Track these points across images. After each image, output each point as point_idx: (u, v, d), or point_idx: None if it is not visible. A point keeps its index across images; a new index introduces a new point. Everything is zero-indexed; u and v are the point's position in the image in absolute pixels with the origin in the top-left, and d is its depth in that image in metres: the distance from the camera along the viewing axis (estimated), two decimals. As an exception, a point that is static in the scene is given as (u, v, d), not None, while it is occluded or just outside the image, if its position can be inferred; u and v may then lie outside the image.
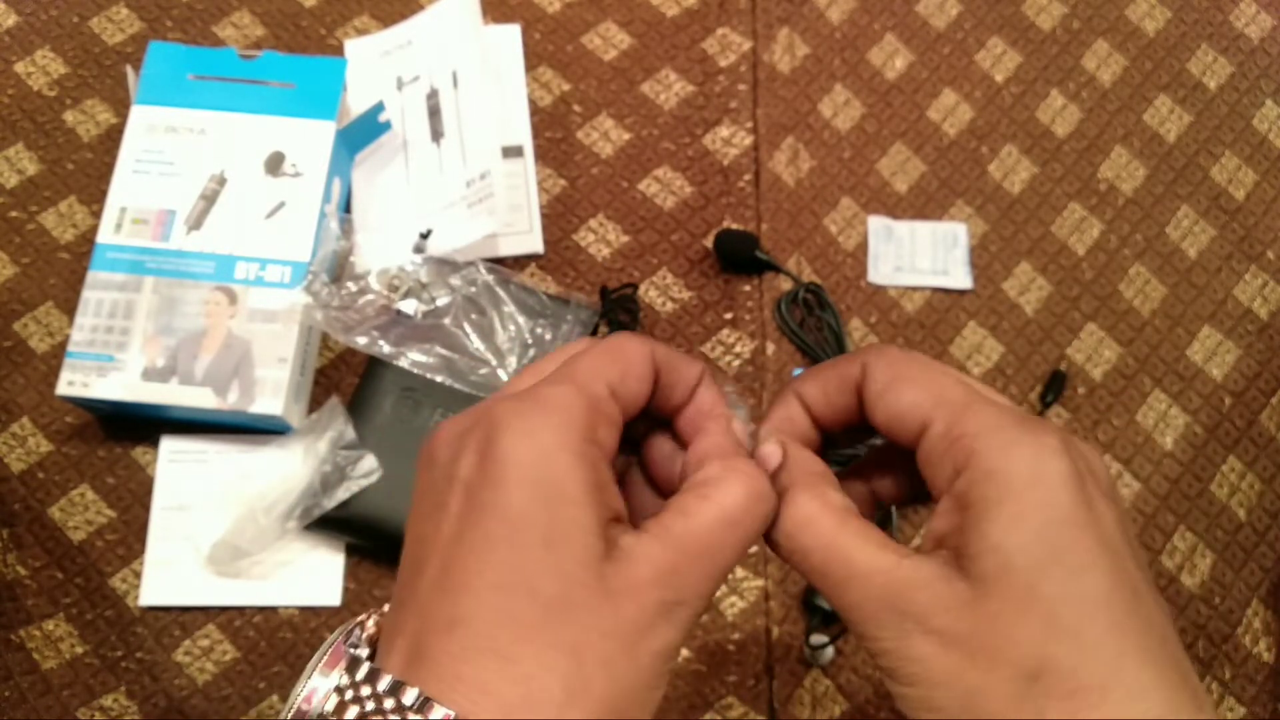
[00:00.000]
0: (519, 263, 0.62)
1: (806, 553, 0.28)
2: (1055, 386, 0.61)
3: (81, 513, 0.56)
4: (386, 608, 0.28)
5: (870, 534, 0.27)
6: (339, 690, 0.24)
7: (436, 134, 0.62)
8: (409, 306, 0.56)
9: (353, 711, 0.23)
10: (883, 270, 0.63)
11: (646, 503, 0.31)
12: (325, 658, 0.25)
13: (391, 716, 0.23)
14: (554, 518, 0.24)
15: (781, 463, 0.29)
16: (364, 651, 0.26)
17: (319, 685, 0.25)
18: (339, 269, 0.57)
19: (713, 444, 0.29)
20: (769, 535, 0.29)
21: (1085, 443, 0.28)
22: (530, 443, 0.25)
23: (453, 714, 0.22)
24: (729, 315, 0.62)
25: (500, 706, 0.23)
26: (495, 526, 0.24)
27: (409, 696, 0.23)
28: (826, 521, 0.28)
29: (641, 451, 0.31)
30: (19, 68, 0.65)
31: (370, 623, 0.27)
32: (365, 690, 0.24)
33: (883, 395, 0.29)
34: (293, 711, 0.25)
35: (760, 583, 0.56)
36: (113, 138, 0.63)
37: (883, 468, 0.32)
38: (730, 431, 0.29)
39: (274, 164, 0.58)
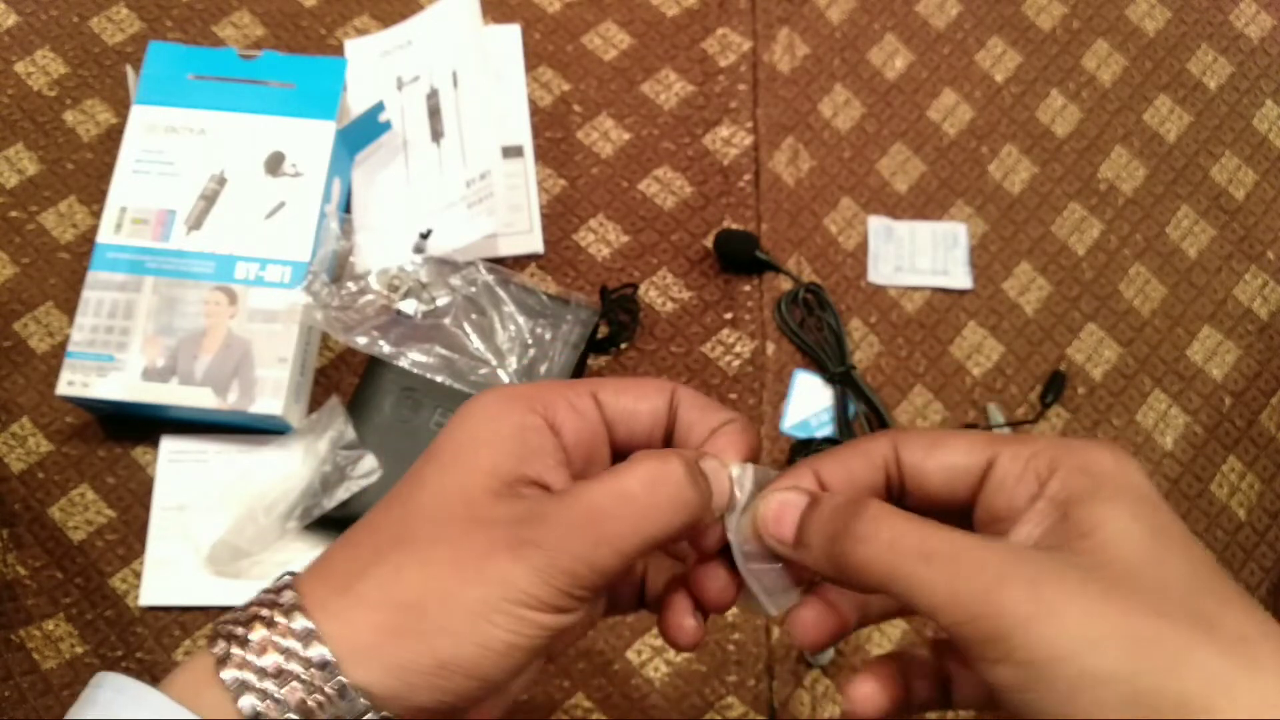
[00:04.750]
0: (519, 263, 0.62)
1: (896, 572, 0.25)
2: (1055, 386, 0.61)
3: (81, 513, 0.56)
4: None
5: (964, 536, 0.26)
6: (259, 603, 0.28)
7: (436, 134, 0.62)
8: (409, 306, 0.56)
9: (251, 609, 0.27)
10: (883, 270, 0.63)
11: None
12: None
13: (264, 611, 0.26)
14: (457, 451, 0.28)
15: (809, 503, 0.28)
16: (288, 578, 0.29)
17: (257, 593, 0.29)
18: (339, 269, 0.57)
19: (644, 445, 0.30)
20: (843, 563, 0.27)
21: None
22: (478, 408, 0.28)
23: (310, 626, 0.25)
24: (729, 315, 0.62)
25: (347, 632, 0.26)
26: (419, 467, 0.28)
27: (286, 597, 0.26)
28: (910, 536, 0.26)
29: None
30: (19, 68, 0.65)
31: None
32: (268, 595, 0.27)
33: (931, 454, 0.29)
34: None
35: (760, 583, 0.56)
36: (113, 138, 0.63)
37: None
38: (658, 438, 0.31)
39: (274, 164, 0.58)
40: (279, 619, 0.25)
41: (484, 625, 0.25)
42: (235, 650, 0.25)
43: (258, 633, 0.25)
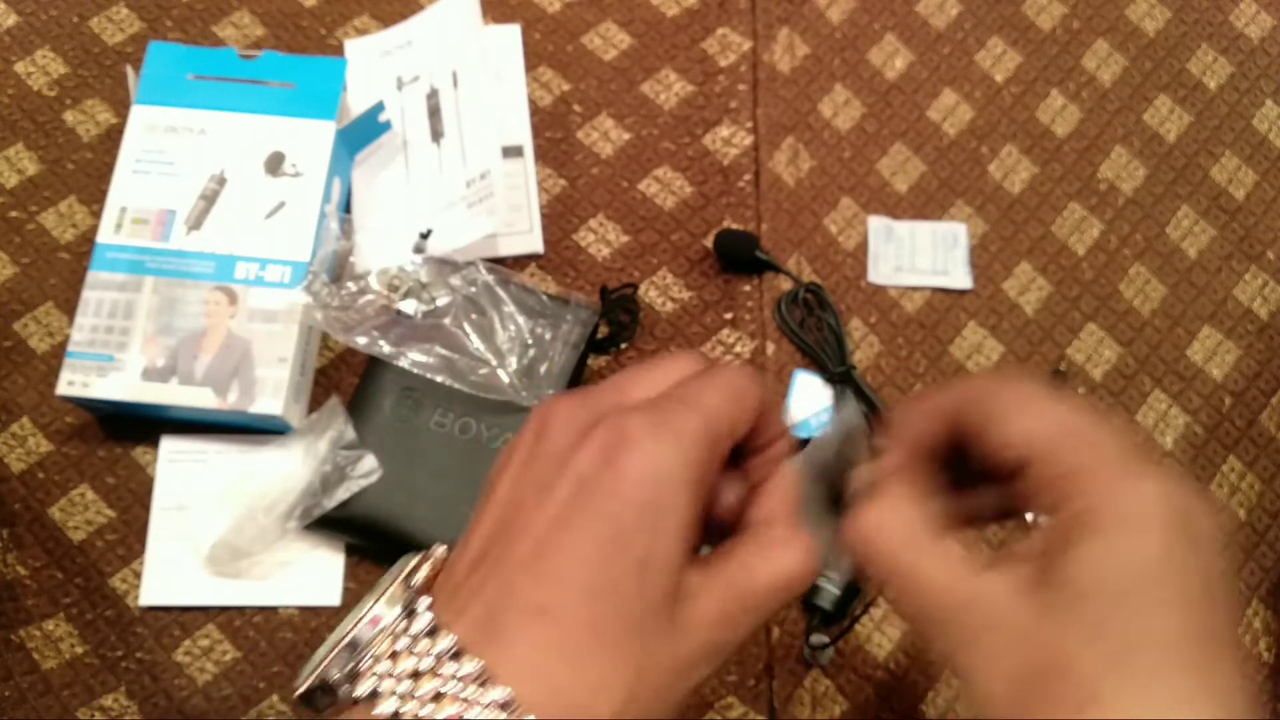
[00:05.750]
0: (519, 263, 0.62)
1: (876, 558, 0.29)
2: (1055, 386, 0.61)
3: (81, 513, 0.56)
4: (441, 550, 0.28)
5: (946, 548, 0.28)
6: (392, 634, 0.24)
7: (436, 134, 0.62)
8: (409, 306, 0.56)
9: (408, 662, 0.24)
10: (883, 270, 0.63)
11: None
12: (384, 593, 0.25)
13: (449, 684, 0.23)
14: (654, 543, 0.25)
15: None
16: (425, 601, 0.26)
17: (384, 613, 0.25)
18: (339, 269, 0.57)
19: (779, 504, 0.30)
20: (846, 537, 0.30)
21: (1193, 492, 0.28)
22: (655, 465, 0.26)
23: (511, 693, 0.23)
24: (729, 315, 0.62)
25: (559, 703, 0.23)
26: (602, 532, 0.25)
27: (470, 665, 0.23)
28: (899, 531, 0.29)
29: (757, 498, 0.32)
30: (19, 68, 0.65)
31: (426, 567, 0.27)
32: (423, 644, 0.24)
33: (995, 420, 0.29)
34: (352, 633, 0.25)
35: (760, 583, 0.56)
36: (113, 138, 0.63)
37: (962, 490, 0.32)
38: (791, 492, 0.30)
39: (274, 164, 0.58)
40: (470, 690, 0.23)
41: (674, 715, 0.26)
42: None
43: (448, 708, 0.23)
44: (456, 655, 0.24)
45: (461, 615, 0.25)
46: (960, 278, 0.64)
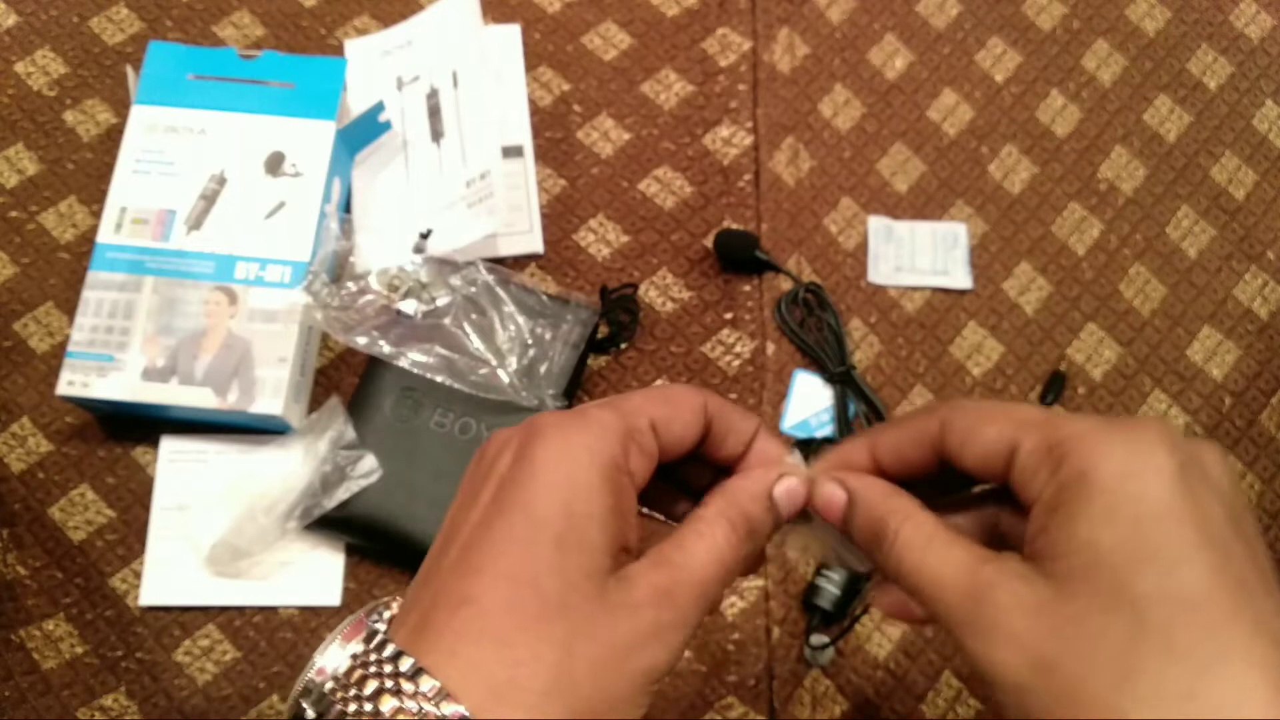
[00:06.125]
0: (519, 263, 0.62)
1: (904, 576, 0.28)
2: (1055, 387, 0.61)
3: (81, 513, 0.56)
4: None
5: (954, 543, 0.28)
6: (354, 656, 0.26)
7: (436, 134, 0.62)
8: (409, 306, 0.56)
9: (358, 674, 0.25)
10: (883, 270, 0.63)
11: None
12: (346, 629, 0.27)
13: (388, 681, 0.24)
14: (569, 524, 0.26)
15: (848, 499, 0.30)
16: (381, 625, 0.27)
17: (334, 656, 0.26)
18: (339, 269, 0.57)
19: (721, 491, 0.30)
20: (877, 561, 0.30)
21: (1199, 440, 0.26)
22: (563, 452, 0.27)
23: (438, 684, 0.24)
24: (729, 315, 0.62)
25: (488, 686, 0.24)
26: (518, 520, 0.26)
27: (406, 664, 0.25)
28: (916, 541, 0.28)
29: (703, 499, 0.33)
30: (19, 68, 0.65)
31: (395, 604, 0.29)
32: (373, 656, 0.25)
33: (968, 438, 0.29)
34: (303, 682, 0.26)
35: (760, 583, 0.56)
36: (113, 138, 0.63)
37: (954, 512, 0.32)
38: (736, 482, 0.31)
39: (274, 164, 0.58)
40: (405, 685, 0.25)
41: (637, 712, 0.26)
42: None
43: (387, 703, 0.24)
44: (397, 658, 0.25)
45: (402, 626, 0.26)
46: (960, 278, 0.64)
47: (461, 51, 0.63)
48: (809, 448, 0.34)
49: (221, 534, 0.53)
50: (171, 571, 0.55)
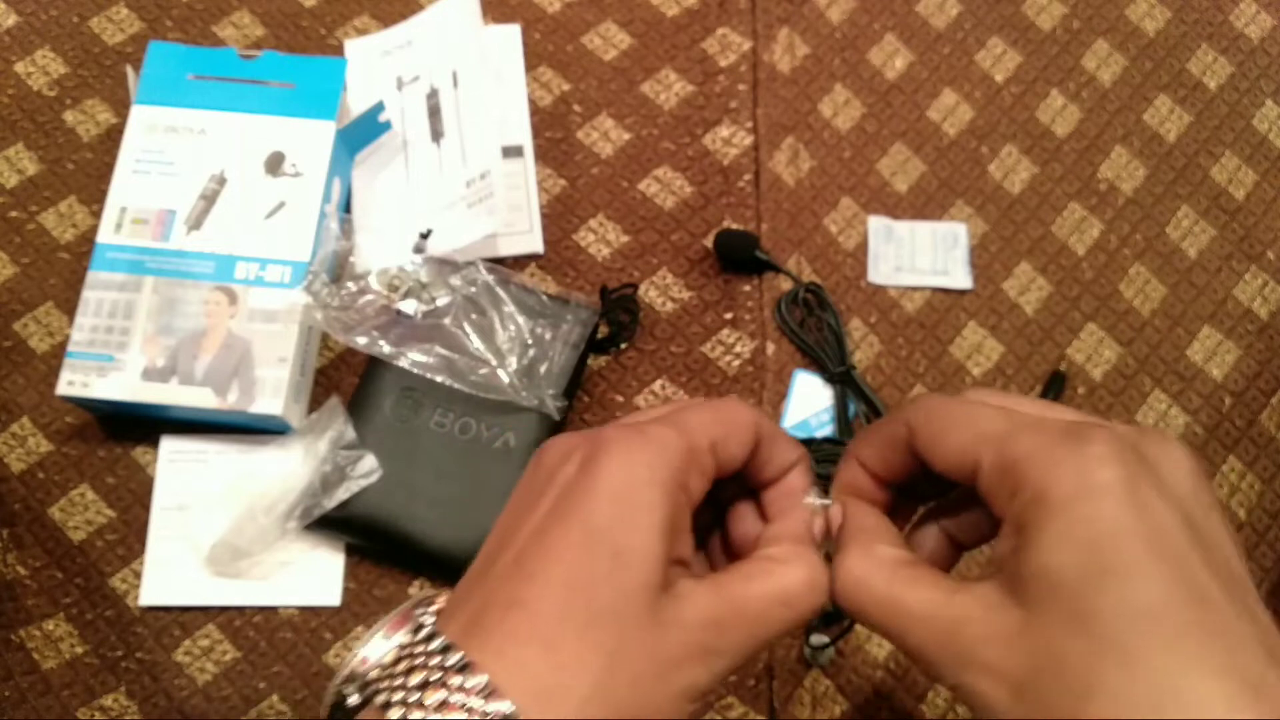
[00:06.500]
0: (519, 263, 0.62)
1: (864, 611, 0.29)
2: (1055, 386, 0.61)
3: (81, 513, 0.56)
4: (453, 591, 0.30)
5: (921, 577, 0.28)
6: (400, 647, 0.27)
7: (436, 134, 0.62)
8: (409, 306, 0.56)
9: (404, 664, 0.26)
10: (883, 270, 0.63)
11: (719, 562, 0.33)
12: (391, 621, 0.28)
13: (435, 674, 0.25)
14: (627, 538, 0.27)
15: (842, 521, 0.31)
16: (429, 619, 0.28)
17: (378, 647, 0.27)
18: (339, 269, 0.57)
19: (791, 527, 0.31)
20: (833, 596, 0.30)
21: (1157, 439, 0.27)
22: (626, 467, 0.27)
23: (485, 680, 0.24)
24: (729, 315, 0.62)
25: (533, 687, 0.25)
26: (575, 530, 0.27)
27: (453, 659, 0.25)
28: (877, 577, 0.29)
29: (726, 515, 0.33)
30: (19, 68, 0.65)
31: (440, 599, 0.29)
32: (420, 649, 0.26)
33: (932, 447, 0.29)
34: (347, 669, 0.27)
35: (760, 583, 0.56)
36: (113, 138, 0.63)
37: (955, 511, 0.32)
38: (809, 523, 0.31)
39: (274, 164, 0.58)
40: (451, 679, 0.25)
41: (661, 707, 0.26)
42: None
43: (433, 695, 0.25)
44: (445, 651, 0.26)
45: (451, 621, 0.27)
46: (960, 278, 0.64)
47: (461, 51, 0.63)
48: (809, 449, 0.35)
49: (221, 534, 0.53)
50: (171, 571, 0.55)
